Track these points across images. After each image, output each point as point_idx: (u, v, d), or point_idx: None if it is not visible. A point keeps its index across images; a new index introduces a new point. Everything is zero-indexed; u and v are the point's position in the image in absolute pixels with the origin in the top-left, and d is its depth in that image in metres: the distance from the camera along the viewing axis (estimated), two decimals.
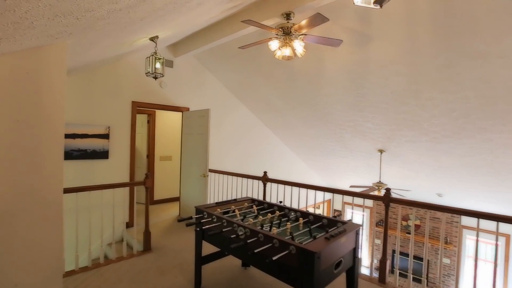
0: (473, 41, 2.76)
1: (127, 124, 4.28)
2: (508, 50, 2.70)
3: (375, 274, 2.89)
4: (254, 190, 4.17)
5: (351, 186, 5.67)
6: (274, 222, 2.26)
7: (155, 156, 5.76)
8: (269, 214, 2.33)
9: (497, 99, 3.33)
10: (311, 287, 1.58)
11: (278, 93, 5.06)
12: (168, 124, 5.95)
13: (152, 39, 3.02)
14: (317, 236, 1.86)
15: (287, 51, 3.04)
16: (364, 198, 2.90)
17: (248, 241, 1.84)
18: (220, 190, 4.81)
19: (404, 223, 8.43)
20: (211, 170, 4.52)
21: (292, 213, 2.51)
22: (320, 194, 3.56)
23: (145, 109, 5.34)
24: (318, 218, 2.32)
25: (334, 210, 9.06)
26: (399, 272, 7.93)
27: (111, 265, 3.01)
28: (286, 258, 1.72)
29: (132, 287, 2.57)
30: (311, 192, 3.65)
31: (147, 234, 3.41)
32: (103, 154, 3.97)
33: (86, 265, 2.95)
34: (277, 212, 2.49)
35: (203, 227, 2.18)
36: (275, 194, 4.25)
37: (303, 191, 3.65)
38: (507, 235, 6.67)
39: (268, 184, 4.09)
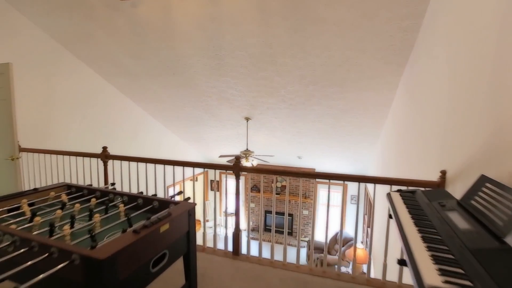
0: (315, 5, 2.74)
1: None
2: (341, 18, 2.82)
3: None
4: (94, 172, 3.30)
5: (221, 156, 5.53)
6: (78, 217, 1.63)
7: None
8: (78, 205, 1.68)
9: (336, 67, 3.63)
10: None
11: (127, 50, 4.11)
12: None
13: None
14: (128, 230, 1.38)
15: None
16: (214, 169, 2.64)
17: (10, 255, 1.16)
18: (44, 177, 3.62)
19: (273, 185, 9.30)
20: (24, 150, 3.27)
21: (119, 198, 1.94)
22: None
23: None
24: (148, 201, 1.85)
25: (179, 193, 9.04)
26: (275, 229, 8.76)
27: None
28: (70, 272, 1.17)
29: None
30: (176, 168, 3.15)
31: None
32: None
33: None
34: (94, 200, 1.86)
35: None
36: (127, 175, 3.53)
37: (162, 167, 3.10)
38: (345, 185, 8.33)
39: (115, 164, 3.31)
